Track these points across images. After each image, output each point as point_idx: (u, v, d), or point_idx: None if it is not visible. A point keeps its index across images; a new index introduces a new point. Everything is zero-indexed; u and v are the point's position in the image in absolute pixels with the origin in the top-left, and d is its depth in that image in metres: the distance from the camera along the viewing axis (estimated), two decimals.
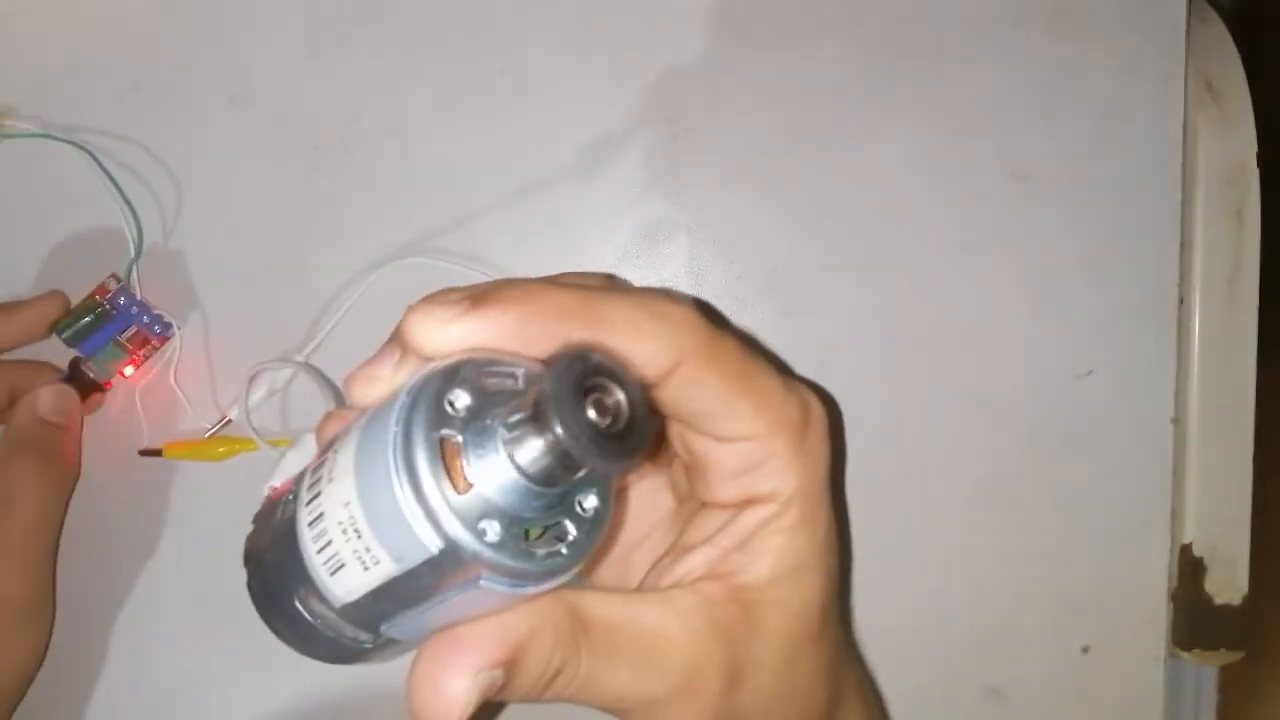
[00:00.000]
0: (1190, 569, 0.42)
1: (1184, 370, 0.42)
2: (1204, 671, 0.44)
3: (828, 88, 0.43)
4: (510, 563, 0.21)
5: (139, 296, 0.41)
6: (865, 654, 0.41)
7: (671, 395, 0.26)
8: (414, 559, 0.21)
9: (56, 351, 0.41)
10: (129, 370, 0.41)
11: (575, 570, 0.23)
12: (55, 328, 0.40)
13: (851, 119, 0.43)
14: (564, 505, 0.23)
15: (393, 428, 0.21)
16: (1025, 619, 0.42)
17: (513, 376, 0.23)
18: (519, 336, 0.24)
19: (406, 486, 0.21)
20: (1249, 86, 0.43)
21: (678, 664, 0.26)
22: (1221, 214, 0.42)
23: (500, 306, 0.24)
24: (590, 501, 0.23)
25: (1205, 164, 0.42)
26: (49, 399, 0.39)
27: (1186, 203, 0.43)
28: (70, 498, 0.41)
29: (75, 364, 0.41)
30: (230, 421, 0.42)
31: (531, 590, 0.22)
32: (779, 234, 0.42)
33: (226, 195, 0.43)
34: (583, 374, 0.21)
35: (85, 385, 0.41)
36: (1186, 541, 0.42)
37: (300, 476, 0.24)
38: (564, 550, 0.23)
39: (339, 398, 0.41)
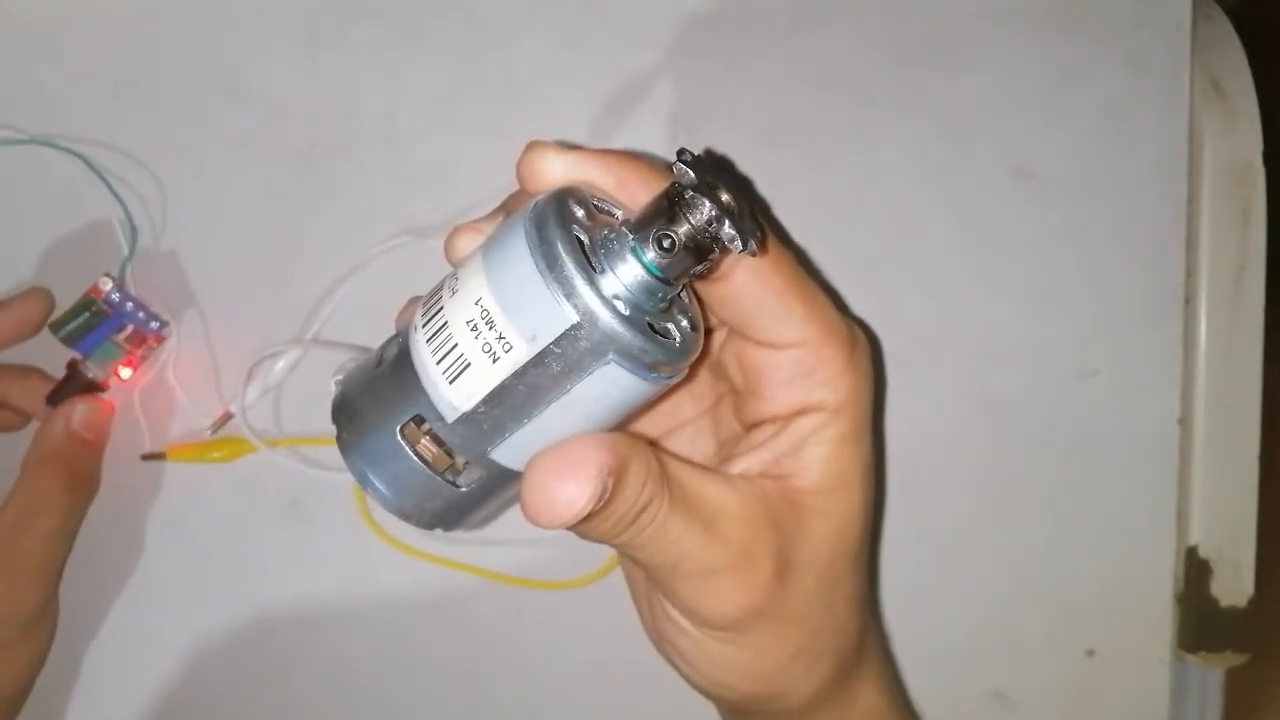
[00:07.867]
0: (1196, 571, 0.42)
1: (1190, 371, 0.42)
2: (1210, 674, 0.43)
3: (829, 86, 0.43)
4: (639, 341, 0.23)
5: (133, 295, 0.41)
6: None
7: (735, 288, 0.27)
8: (549, 334, 0.23)
9: (55, 351, 0.41)
10: (125, 372, 0.41)
11: (682, 371, 0.25)
12: (43, 327, 0.40)
13: (854, 117, 0.43)
14: (668, 315, 0.25)
15: (524, 225, 0.23)
16: (1030, 622, 0.42)
17: (610, 213, 0.26)
18: (618, 179, 0.26)
19: (542, 263, 0.23)
20: (1255, 84, 0.43)
21: (736, 540, 0.27)
22: (1227, 213, 0.42)
23: (605, 153, 0.27)
24: (684, 323, 0.25)
25: (1211, 162, 0.42)
26: (84, 414, 0.40)
27: (1192, 201, 0.42)
28: (85, 514, 0.40)
29: (73, 364, 0.40)
30: (231, 416, 0.41)
31: (650, 386, 0.24)
32: (780, 234, 0.42)
33: (222, 193, 0.43)
34: (705, 168, 0.23)
35: (84, 385, 0.40)
36: (1192, 543, 0.42)
37: (409, 318, 0.25)
38: (678, 343, 0.24)
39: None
